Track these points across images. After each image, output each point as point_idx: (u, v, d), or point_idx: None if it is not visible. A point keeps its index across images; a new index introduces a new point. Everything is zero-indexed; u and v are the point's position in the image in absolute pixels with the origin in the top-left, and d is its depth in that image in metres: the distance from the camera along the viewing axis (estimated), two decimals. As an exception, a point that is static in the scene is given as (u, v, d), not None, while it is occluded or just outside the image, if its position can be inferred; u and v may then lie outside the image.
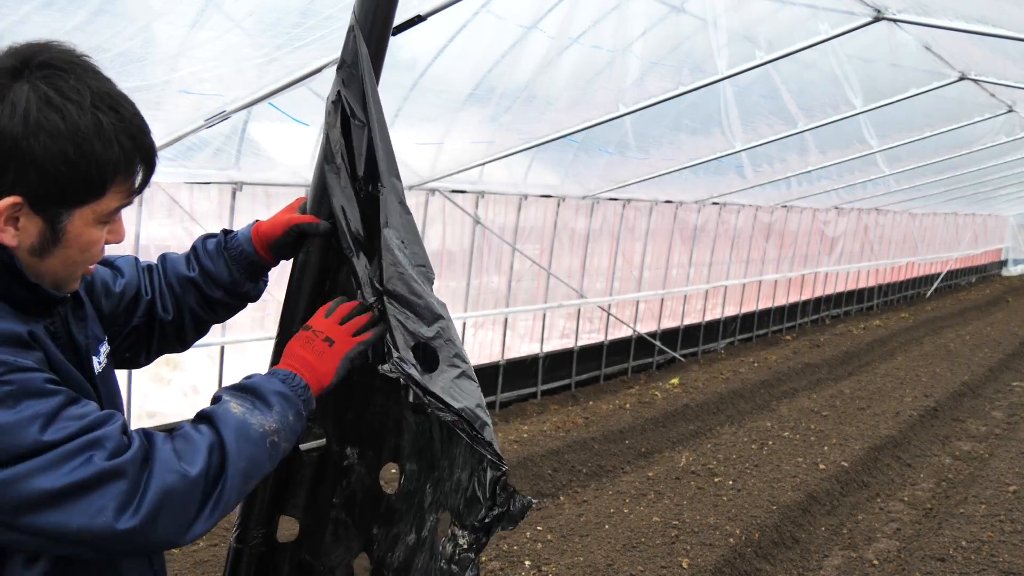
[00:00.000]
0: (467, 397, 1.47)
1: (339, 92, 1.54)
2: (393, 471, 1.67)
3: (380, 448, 1.65)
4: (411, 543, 1.59)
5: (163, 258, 1.67)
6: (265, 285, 1.71)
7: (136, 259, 1.65)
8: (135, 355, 1.63)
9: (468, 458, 1.51)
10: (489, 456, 1.45)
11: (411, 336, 1.47)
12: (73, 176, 1.16)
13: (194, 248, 1.67)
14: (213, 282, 1.63)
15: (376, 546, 1.63)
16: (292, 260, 1.63)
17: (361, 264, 1.52)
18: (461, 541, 1.52)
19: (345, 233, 1.53)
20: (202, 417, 1.27)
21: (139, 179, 1.25)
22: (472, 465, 1.51)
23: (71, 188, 1.17)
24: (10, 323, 1.16)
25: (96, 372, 1.36)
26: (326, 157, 1.57)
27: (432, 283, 1.58)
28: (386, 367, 1.44)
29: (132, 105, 1.24)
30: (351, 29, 1.52)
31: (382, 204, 1.54)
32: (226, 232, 1.68)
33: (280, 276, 1.65)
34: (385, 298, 1.48)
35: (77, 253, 1.24)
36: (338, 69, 1.55)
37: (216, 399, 1.31)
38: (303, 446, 1.62)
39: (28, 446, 1.07)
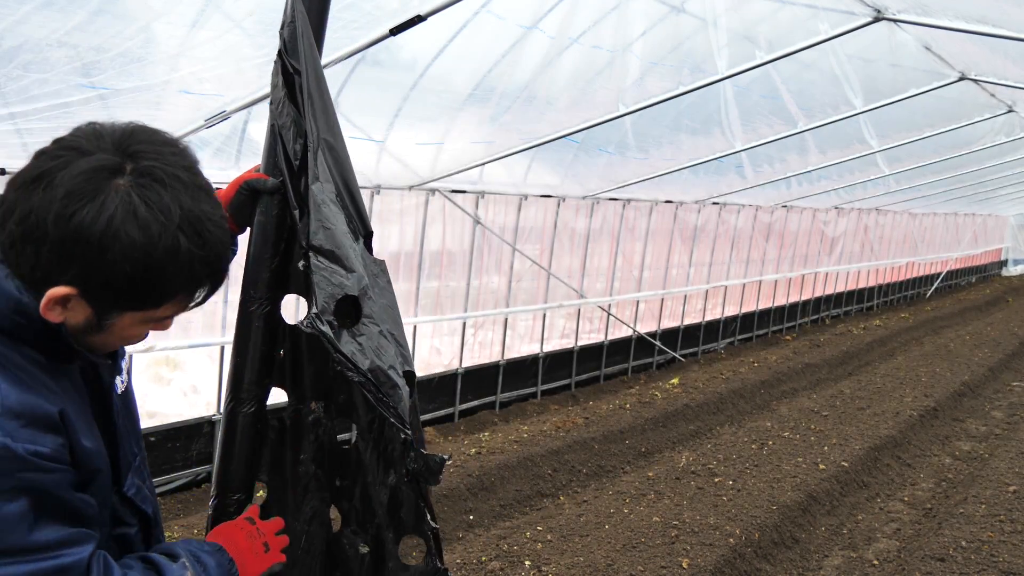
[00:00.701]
0: (384, 357, 1.47)
1: (279, 51, 1.57)
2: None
3: (336, 402, 1.68)
4: (372, 492, 1.62)
5: None
6: (232, 255, 1.62)
7: None
8: None
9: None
10: (391, 419, 1.45)
11: (336, 290, 1.46)
12: (134, 290, 1.14)
13: None
14: None
15: (343, 496, 1.67)
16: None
17: (303, 222, 1.52)
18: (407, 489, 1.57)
19: (289, 190, 1.54)
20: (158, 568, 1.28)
21: (205, 294, 1.24)
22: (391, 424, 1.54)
23: (128, 298, 1.16)
24: (42, 398, 1.15)
25: (115, 397, 1.36)
26: (273, 116, 1.60)
27: (366, 237, 1.59)
28: (304, 322, 1.45)
29: (218, 228, 1.20)
30: None
31: (310, 160, 1.53)
32: None
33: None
34: (310, 253, 1.48)
35: (117, 340, 1.24)
36: (280, 31, 1.59)
37: (175, 555, 1.30)
38: None
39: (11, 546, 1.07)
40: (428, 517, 1.55)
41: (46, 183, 1.10)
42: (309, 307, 1.46)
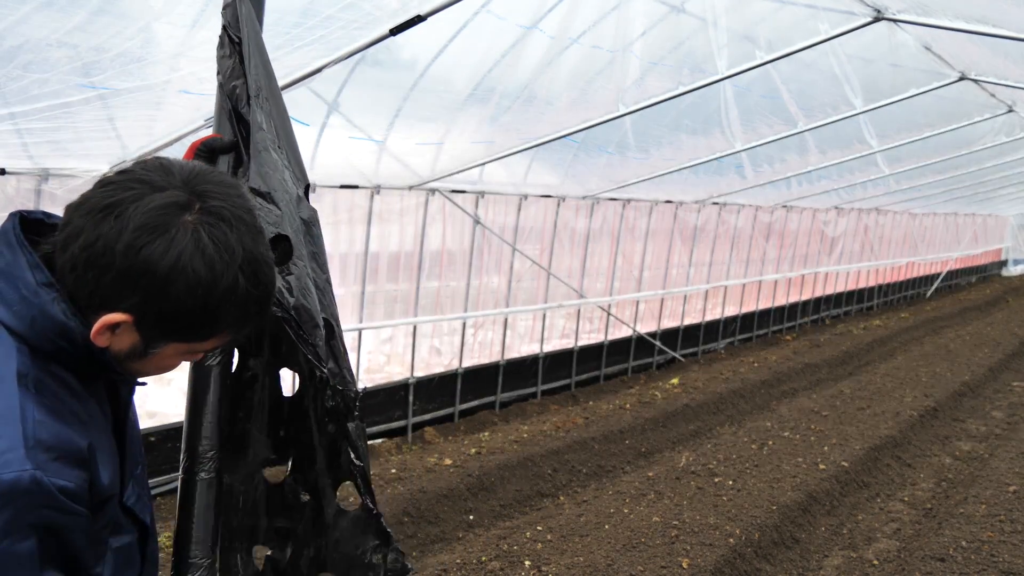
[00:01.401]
0: (308, 299, 1.52)
1: (223, 26, 1.73)
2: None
3: (279, 353, 1.72)
4: (314, 440, 1.66)
5: None
6: None
7: None
8: None
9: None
10: (309, 356, 1.50)
11: (270, 228, 1.50)
12: (190, 324, 1.17)
13: None
14: None
15: (287, 445, 1.71)
16: None
17: (245, 166, 1.60)
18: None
19: (240, 144, 1.62)
20: None
21: (247, 331, 1.26)
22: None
23: (182, 331, 1.18)
24: (73, 430, 1.15)
25: (131, 411, 1.39)
26: (222, 80, 1.69)
27: (304, 188, 1.66)
28: None
29: (271, 270, 1.24)
30: None
31: (253, 113, 1.61)
32: None
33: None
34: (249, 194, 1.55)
35: (154, 369, 1.26)
36: (223, 10, 1.76)
37: None
38: None
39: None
40: (352, 456, 1.58)
41: (117, 213, 1.12)
42: None
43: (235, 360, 1.69)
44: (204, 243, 1.14)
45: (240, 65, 1.65)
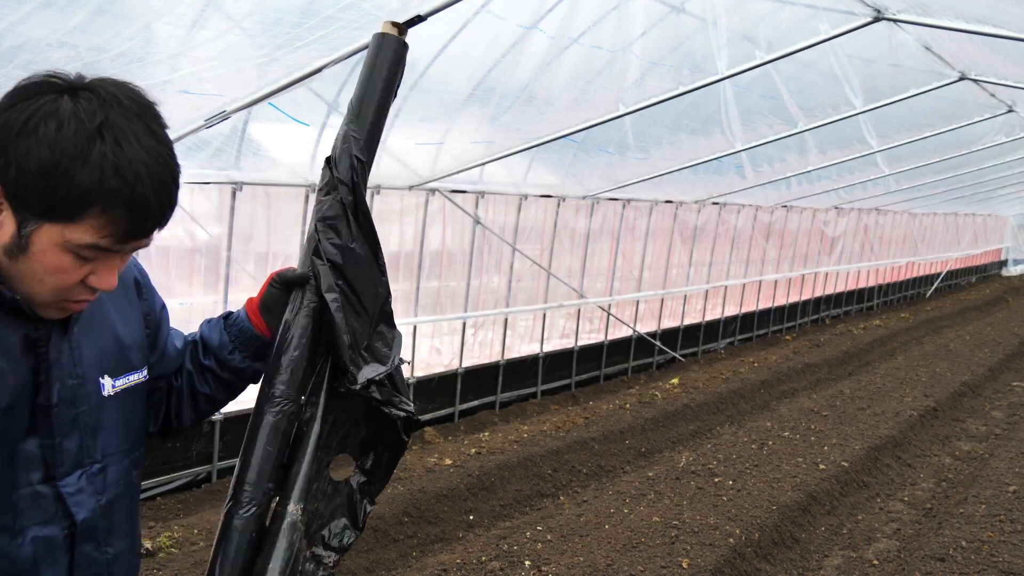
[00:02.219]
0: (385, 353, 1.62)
1: (327, 159, 1.62)
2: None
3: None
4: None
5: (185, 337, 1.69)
6: (261, 369, 1.62)
7: (186, 339, 1.68)
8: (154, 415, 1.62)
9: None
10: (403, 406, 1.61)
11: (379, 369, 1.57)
12: (43, 186, 1.13)
13: (204, 322, 1.69)
14: (207, 348, 1.61)
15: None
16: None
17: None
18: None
19: (320, 278, 1.56)
20: None
21: (123, 226, 1.18)
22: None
23: (38, 197, 1.14)
24: None
25: (59, 381, 1.31)
26: (317, 212, 1.63)
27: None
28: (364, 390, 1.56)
29: (146, 152, 1.19)
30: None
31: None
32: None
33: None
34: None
35: (42, 271, 1.19)
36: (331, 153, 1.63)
37: None
38: None
39: None
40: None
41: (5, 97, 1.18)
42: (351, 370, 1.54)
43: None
44: (64, 105, 1.15)
45: (343, 211, 1.58)
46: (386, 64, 1.66)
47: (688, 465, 6.19)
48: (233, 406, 6.35)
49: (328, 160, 1.60)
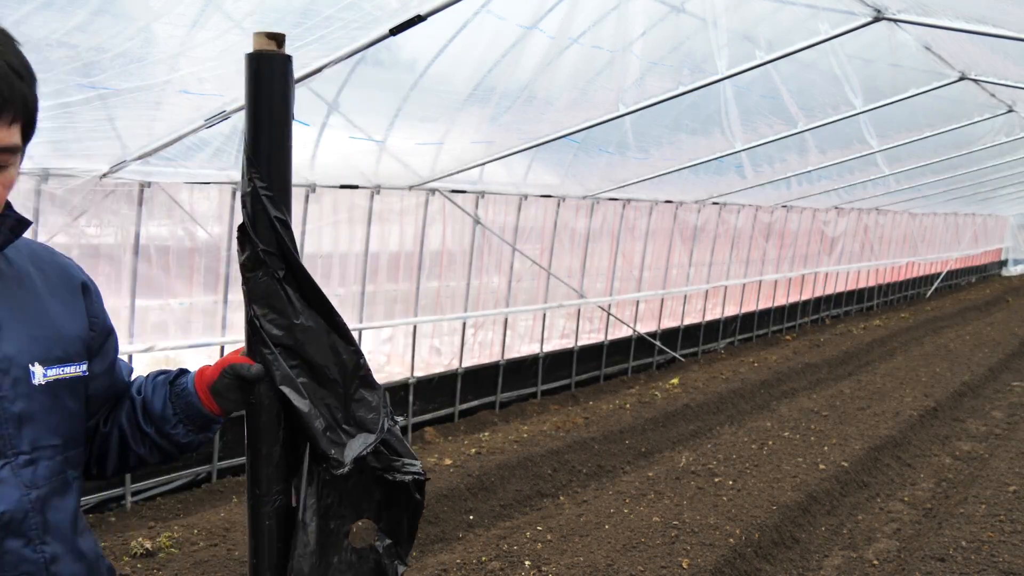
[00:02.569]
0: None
1: (241, 226, 1.47)
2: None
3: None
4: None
5: (130, 383, 1.61)
6: (204, 440, 1.58)
7: (131, 375, 1.60)
8: None
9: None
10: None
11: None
12: None
13: (146, 376, 1.60)
14: (149, 413, 1.53)
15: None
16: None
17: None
18: None
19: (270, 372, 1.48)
20: None
21: None
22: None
23: None
24: None
25: (30, 384, 1.29)
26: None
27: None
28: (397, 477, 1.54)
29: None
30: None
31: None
32: (184, 371, 1.59)
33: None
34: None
35: None
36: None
37: None
38: None
39: None
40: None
41: None
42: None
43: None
44: None
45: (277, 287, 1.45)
46: (276, 91, 1.42)
47: (688, 465, 6.19)
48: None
49: (242, 228, 1.43)
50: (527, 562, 4.55)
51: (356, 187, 6.73)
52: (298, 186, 6.27)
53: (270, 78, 1.40)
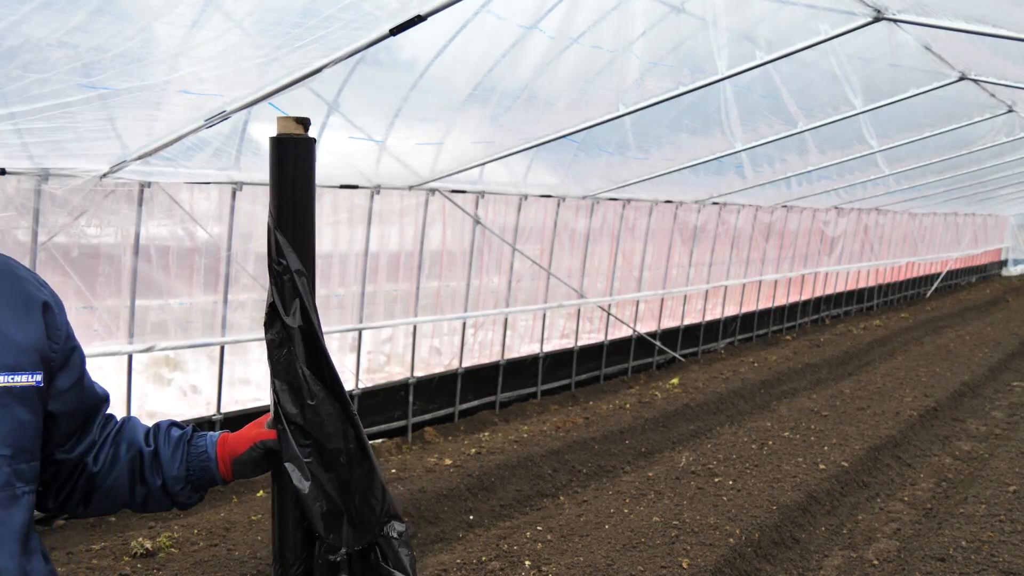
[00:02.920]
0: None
1: (269, 303, 1.52)
2: None
3: None
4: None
5: (128, 418, 1.60)
6: (199, 500, 1.61)
7: (108, 398, 1.58)
8: (44, 493, 1.50)
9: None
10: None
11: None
12: None
13: (157, 426, 1.59)
14: (159, 467, 1.54)
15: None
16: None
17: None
18: None
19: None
20: None
21: None
22: None
23: None
24: None
25: None
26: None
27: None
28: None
29: None
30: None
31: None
32: (195, 429, 1.61)
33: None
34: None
35: None
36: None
37: None
38: None
39: None
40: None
41: None
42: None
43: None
44: None
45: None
46: (299, 173, 1.44)
47: (688, 465, 6.19)
48: (234, 406, 6.29)
49: (272, 307, 1.48)
50: (527, 562, 4.55)
51: (356, 187, 6.73)
52: (298, 186, 6.26)
53: (294, 160, 1.50)
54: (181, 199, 5.68)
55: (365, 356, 7.35)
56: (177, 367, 6.18)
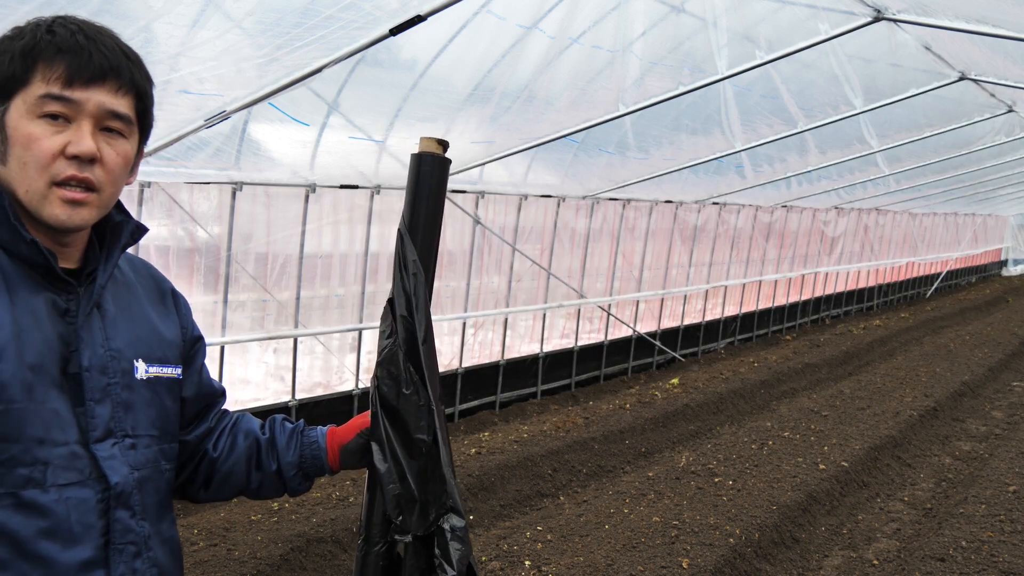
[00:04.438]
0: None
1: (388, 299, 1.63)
2: None
3: None
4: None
5: (242, 413, 1.72)
6: (308, 489, 1.73)
7: (224, 392, 1.70)
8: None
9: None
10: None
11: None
12: None
13: (272, 419, 1.71)
14: (274, 453, 1.66)
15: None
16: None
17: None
18: None
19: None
20: None
21: (65, 69, 1.27)
22: None
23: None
24: None
25: (133, 377, 1.40)
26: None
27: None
28: None
29: (89, 24, 1.31)
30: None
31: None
32: (312, 427, 1.72)
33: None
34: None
35: (22, 151, 1.26)
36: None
37: None
38: None
39: None
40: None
41: None
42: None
43: None
44: (29, 21, 1.29)
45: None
46: (434, 186, 1.63)
47: (688, 465, 6.19)
48: (234, 406, 6.33)
49: (390, 301, 1.62)
50: (527, 562, 4.55)
51: (356, 187, 6.73)
52: (298, 186, 6.27)
53: (431, 176, 1.63)
54: (181, 199, 5.68)
55: (365, 356, 7.35)
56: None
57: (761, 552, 4.84)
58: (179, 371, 1.51)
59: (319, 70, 4.20)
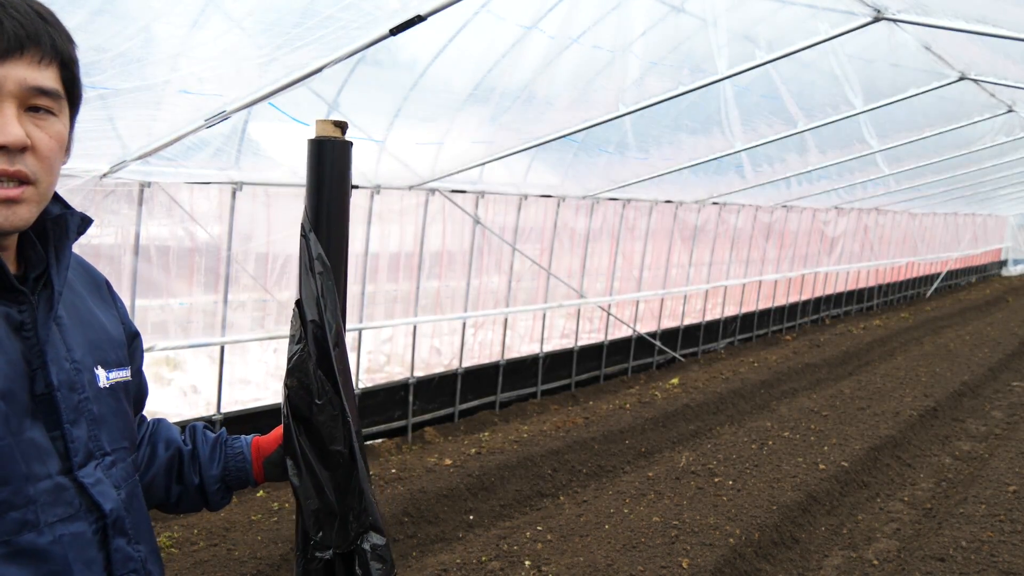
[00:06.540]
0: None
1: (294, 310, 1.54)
2: None
3: None
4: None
5: (159, 419, 1.61)
6: (228, 503, 1.63)
7: (147, 394, 1.58)
8: None
9: None
10: None
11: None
12: None
13: (193, 427, 1.60)
14: (197, 466, 1.55)
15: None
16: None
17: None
18: None
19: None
20: None
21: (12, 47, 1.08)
22: None
23: None
24: None
25: (97, 387, 1.26)
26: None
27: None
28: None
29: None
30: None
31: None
32: (235, 436, 1.63)
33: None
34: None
35: None
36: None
37: None
38: None
39: None
40: None
41: None
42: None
43: None
44: None
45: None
46: (336, 173, 1.52)
47: (688, 465, 6.19)
48: (234, 406, 6.28)
49: (298, 303, 1.51)
50: (527, 562, 4.55)
51: (356, 187, 6.73)
52: (298, 186, 6.27)
53: (331, 163, 1.54)
54: (181, 199, 5.68)
55: (365, 356, 7.35)
56: (177, 367, 6.18)
57: (761, 552, 4.84)
58: (128, 373, 1.36)
59: (319, 70, 4.19)
